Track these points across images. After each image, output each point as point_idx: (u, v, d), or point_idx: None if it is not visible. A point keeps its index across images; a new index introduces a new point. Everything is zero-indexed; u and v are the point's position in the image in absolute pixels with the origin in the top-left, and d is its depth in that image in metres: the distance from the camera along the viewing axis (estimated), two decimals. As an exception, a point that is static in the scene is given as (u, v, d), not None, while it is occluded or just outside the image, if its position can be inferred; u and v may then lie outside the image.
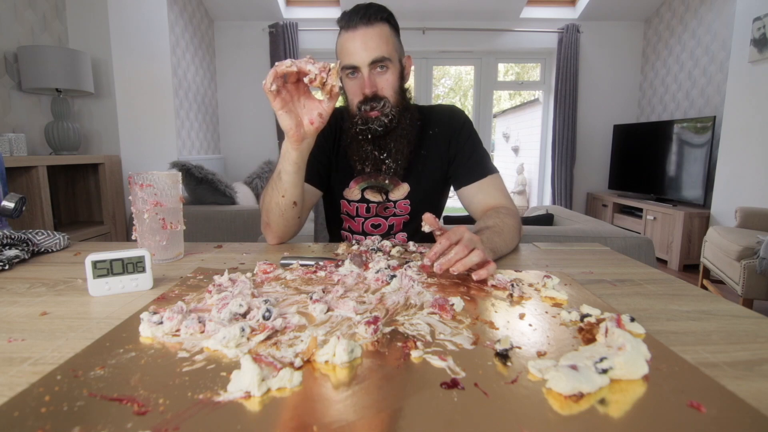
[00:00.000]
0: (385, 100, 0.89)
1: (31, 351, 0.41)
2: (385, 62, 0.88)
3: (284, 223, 0.86)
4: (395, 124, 0.91)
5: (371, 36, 0.86)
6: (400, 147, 0.92)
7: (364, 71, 0.87)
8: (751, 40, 2.71)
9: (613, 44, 4.16)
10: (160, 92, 2.86)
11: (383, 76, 0.89)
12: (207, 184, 2.42)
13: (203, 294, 0.56)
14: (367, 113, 0.89)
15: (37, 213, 1.79)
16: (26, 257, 0.74)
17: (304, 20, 4.04)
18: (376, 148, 0.93)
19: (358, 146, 0.93)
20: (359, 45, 0.86)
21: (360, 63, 0.87)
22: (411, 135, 0.94)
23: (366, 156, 0.93)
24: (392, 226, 1.02)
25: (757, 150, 2.71)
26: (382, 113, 0.89)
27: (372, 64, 0.87)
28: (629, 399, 0.33)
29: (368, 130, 0.90)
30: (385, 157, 0.93)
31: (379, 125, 0.89)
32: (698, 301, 0.55)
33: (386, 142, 0.92)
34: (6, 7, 1.92)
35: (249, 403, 0.32)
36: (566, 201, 4.21)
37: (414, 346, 0.41)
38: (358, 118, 0.91)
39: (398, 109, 0.91)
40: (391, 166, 0.93)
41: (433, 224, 0.66)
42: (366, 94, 0.88)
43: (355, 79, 0.90)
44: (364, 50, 0.86)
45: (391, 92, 0.90)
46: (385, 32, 0.87)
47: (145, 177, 0.72)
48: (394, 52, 0.89)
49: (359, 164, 0.94)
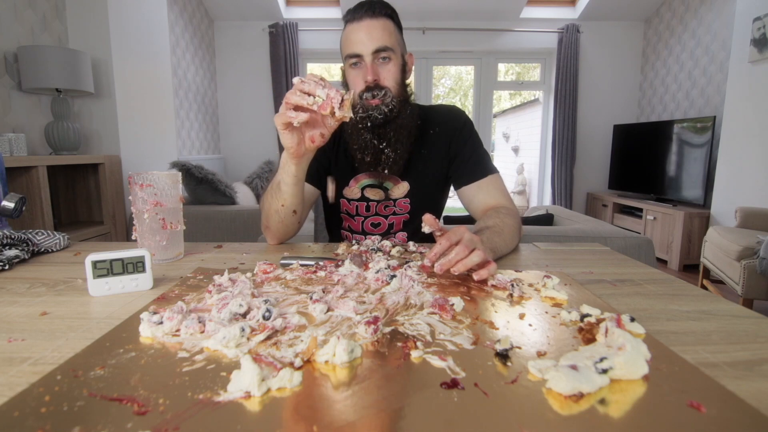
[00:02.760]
0: (387, 89, 0.90)
1: (31, 351, 0.41)
2: (388, 53, 0.89)
3: (284, 228, 0.88)
4: (395, 114, 0.92)
5: (375, 27, 0.88)
6: (399, 137, 0.93)
7: (367, 60, 0.89)
8: (751, 40, 2.71)
9: (613, 44, 4.16)
10: (160, 92, 2.86)
11: (386, 66, 0.90)
12: (207, 184, 2.42)
13: (203, 294, 0.56)
14: (368, 101, 0.90)
15: (37, 213, 1.79)
16: (26, 257, 0.74)
17: (304, 20, 4.04)
18: (376, 137, 0.93)
19: (358, 135, 0.94)
20: (363, 35, 0.88)
21: (363, 51, 0.88)
22: (411, 127, 0.94)
23: (365, 145, 0.93)
24: (392, 225, 1.02)
25: (757, 150, 2.71)
26: (383, 102, 0.90)
27: (375, 53, 0.88)
28: (629, 399, 0.33)
29: (368, 118, 0.91)
30: (385, 146, 0.93)
31: (379, 113, 0.90)
32: (698, 301, 0.55)
33: (386, 131, 0.93)
34: (6, 7, 1.92)
35: (249, 403, 0.32)
36: (566, 201, 4.21)
37: (414, 346, 0.41)
38: (359, 107, 0.92)
39: (399, 101, 0.92)
40: (390, 156, 0.93)
41: (433, 225, 0.66)
42: (368, 82, 0.89)
43: (358, 69, 0.91)
44: (369, 39, 0.87)
45: (392, 83, 0.91)
46: (389, 26, 0.90)
47: (145, 177, 0.72)
48: (396, 45, 0.91)
49: (359, 153, 0.94)
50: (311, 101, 0.67)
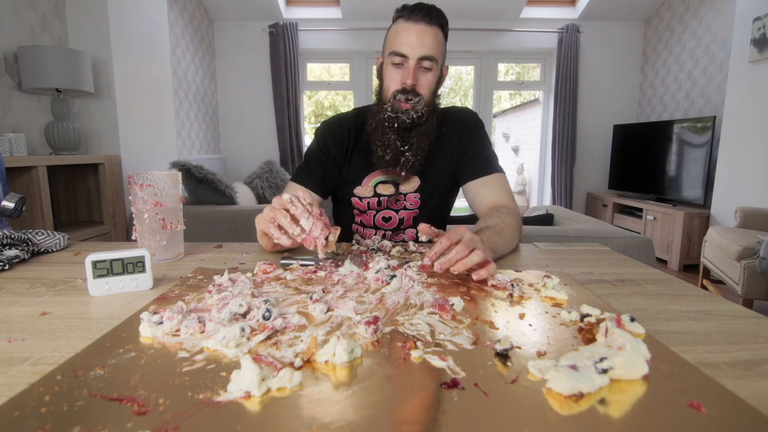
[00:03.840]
0: (421, 97, 0.91)
1: (31, 351, 0.41)
2: (432, 62, 0.90)
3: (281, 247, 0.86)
4: (422, 121, 0.93)
5: (428, 33, 0.88)
6: (421, 144, 0.94)
7: (411, 63, 0.89)
8: (751, 40, 2.71)
9: (613, 44, 4.16)
10: (160, 92, 2.85)
11: (426, 74, 0.91)
12: (207, 184, 2.42)
13: (203, 294, 0.56)
14: (401, 103, 0.91)
15: (37, 213, 1.79)
16: (26, 257, 0.74)
17: (304, 20, 4.04)
18: (399, 139, 0.94)
19: (382, 132, 0.94)
20: (415, 38, 0.88)
21: (411, 54, 0.88)
22: (433, 135, 0.96)
23: (388, 144, 0.94)
24: (402, 220, 1.03)
25: (757, 150, 2.71)
26: (414, 108, 0.91)
27: (420, 59, 0.89)
28: (629, 399, 0.33)
29: (396, 119, 0.92)
30: (406, 150, 0.94)
31: (408, 117, 0.91)
32: (698, 301, 0.55)
33: (410, 135, 0.94)
34: (6, 7, 1.92)
35: (249, 403, 0.32)
36: (566, 201, 4.21)
37: (414, 346, 0.41)
38: (390, 105, 0.92)
39: (428, 109, 0.94)
40: (410, 160, 0.94)
41: (429, 233, 0.67)
42: (406, 85, 0.90)
43: (400, 68, 0.91)
44: (419, 44, 0.88)
45: (427, 92, 0.92)
46: (439, 36, 0.90)
47: (145, 177, 0.72)
48: (440, 56, 0.92)
49: (380, 150, 0.95)
50: (297, 232, 0.67)
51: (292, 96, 4.04)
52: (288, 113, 4.05)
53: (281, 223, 0.68)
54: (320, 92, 6.09)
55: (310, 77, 4.40)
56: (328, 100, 7.08)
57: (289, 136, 4.09)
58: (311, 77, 4.42)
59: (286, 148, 4.12)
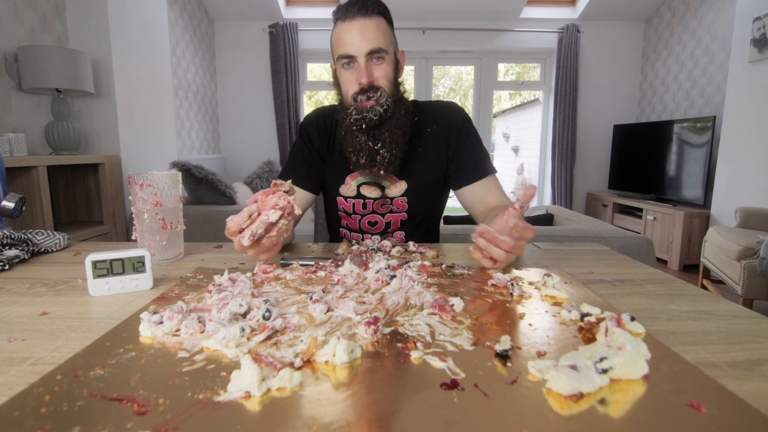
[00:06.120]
0: (381, 90, 0.89)
1: (31, 351, 0.41)
2: (382, 53, 0.88)
3: None
4: (390, 113, 0.91)
5: (369, 27, 0.86)
6: (394, 137, 0.92)
7: (361, 61, 0.88)
8: (751, 40, 2.71)
9: (613, 44, 4.16)
10: (160, 92, 2.85)
11: (379, 66, 0.89)
12: (207, 184, 2.42)
13: (203, 294, 0.56)
14: (363, 103, 0.89)
15: (37, 213, 1.79)
16: (26, 257, 0.74)
17: (304, 20, 4.03)
18: (371, 139, 0.92)
19: (352, 137, 0.93)
20: (357, 35, 0.86)
21: (357, 53, 0.87)
22: (405, 126, 0.94)
23: (360, 147, 0.93)
24: (389, 223, 1.02)
25: (757, 150, 2.71)
26: (378, 103, 0.89)
27: (369, 54, 0.87)
28: (629, 399, 0.33)
29: (363, 120, 0.90)
30: (380, 147, 0.92)
31: (374, 114, 0.89)
32: (698, 301, 0.55)
33: (381, 132, 0.92)
34: (6, 7, 1.92)
35: (249, 403, 0.32)
36: (566, 201, 4.21)
37: (414, 347, 0.41)
38: (353, 108, 0.91)
39: (393, 100, 0.91)
40: (385, 157, 0.92)
41: (525, 202, 0.65)
42: (362, 84, 0.88)
43: (351, 70, 0.90)
44: (362, 41, 0.86)
45: (386, 83, 0.90)
46: (381, 25, 0.88)
47: (145, 177, 0.72)
48: (389, 44, 0.90)
49: (354, 156, 0.94)
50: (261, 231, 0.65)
51: (292, 96, 4.04)
52: (288, 113, 4.05)
53: (258, 233, 0.65)
54: (320, 92, 6.09)
55: (310, 77, 4.40)
56: (328, 100, 7.08)
57: (289, 136, 4.09)
58: (311, 77, 4.42)
59: (286, 148, 4.11)
